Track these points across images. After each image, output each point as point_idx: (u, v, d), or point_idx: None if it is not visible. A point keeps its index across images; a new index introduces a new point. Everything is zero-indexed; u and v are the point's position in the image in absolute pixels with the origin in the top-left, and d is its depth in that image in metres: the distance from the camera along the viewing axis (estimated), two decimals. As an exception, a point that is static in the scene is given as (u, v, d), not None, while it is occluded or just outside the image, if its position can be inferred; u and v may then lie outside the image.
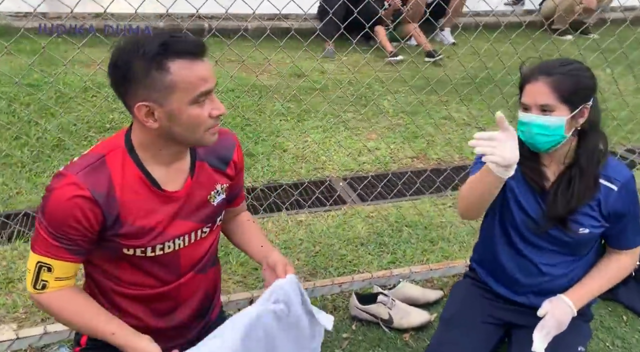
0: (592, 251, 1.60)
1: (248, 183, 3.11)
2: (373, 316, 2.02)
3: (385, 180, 3.18)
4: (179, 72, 1.07)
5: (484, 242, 1.74)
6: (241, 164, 1.43)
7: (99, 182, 1.14)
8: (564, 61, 1.45)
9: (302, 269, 2.41)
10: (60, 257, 1.17)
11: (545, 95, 1.39)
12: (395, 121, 4.05)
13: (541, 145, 1.44)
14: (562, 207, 1.48)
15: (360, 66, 4.93)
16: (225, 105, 1.17)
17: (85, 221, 1.14)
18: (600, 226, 1.51)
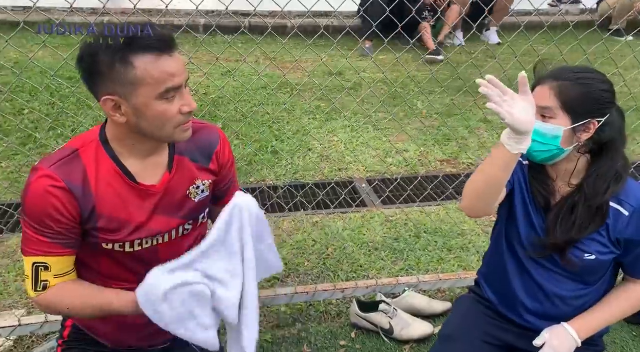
0: (606, 279, 1.46)
1: (270, 181, 3.10)
2: (373, 324, 1.96)
3: (400, 183, 3.10)
4: (143, 67, 1.05)
5: (492, 255, 1.64)
6: (226, 160, 1.39)
7: (73, 174, 1.14)
8: (580, 68, 1.32)
9: (310, 271, 2.38)
10: (53, 253, 1.16)
11: (547, 99, 1.28)
12: (428, 123, 3.94)
13: (536, 154, 1.32)
14: (561, 236, 1.35)
15: (397, 65, 4.85)
16: (255, 103, 1.14)
17: (65, 211, 1.14)
18: (609, 253, 1.37)
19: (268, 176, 3.14)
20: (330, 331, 2.01)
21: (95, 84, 1.09)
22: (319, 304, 2.16)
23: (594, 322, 1.42)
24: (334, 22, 5.45)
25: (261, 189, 3.01)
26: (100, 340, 1.34)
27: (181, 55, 1.13)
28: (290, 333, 1.99)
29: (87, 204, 1.16)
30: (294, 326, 2.04)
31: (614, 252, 1.37)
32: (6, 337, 1.75)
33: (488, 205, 1.33)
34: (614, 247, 1.36)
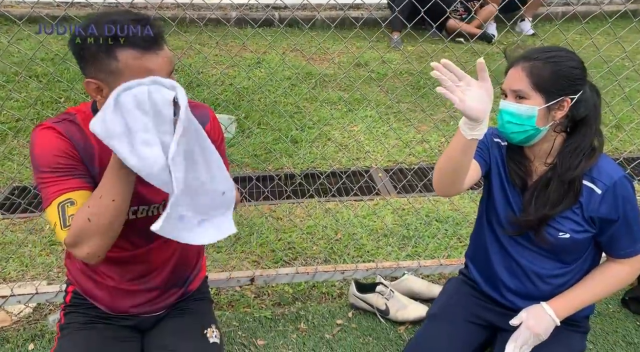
0: (587, 258, 1.45)
1: (287, 169, 3.18)
2: (370, 305, 2.01)
3: (421, 173, 3.10)
4: (126, 60, 1.11)
5: (475, 234, 1.66)
6: (216, 137, 1.46)
7: (74, 132, 1.24)
8: (550, 48, 1.32)
9: (317, 255, 2.44)
10: (75, 188, 1.18)
11: (519, 81, 1.29)
12: (451, 113, 3.91)
13: (513, 135, 1.33)
14: (534, 214, 1.37)
15: (424, 56, 4.82)
16: (278, 93, 1.18)
17: (71, 153, 1.21)
18: (583, 231, 1.36)
19: (286, 164, 3.22)
20: (329, 310, 2.07)
21: (81, 65, 1.18)
22: (321, 285, 2.22)
23: (573, 301, 1.42)
24: (363, 13, 5.47)
25: (279, 176, 3.09)
26: (98, 305, 1.44)
27: (166, 48, 1.17)
28: (289, 311, 2.06)
29: (88, 159, 1.24)
30: (294, 304, 2.11)
31: (588, 231, 1.36)
32: (24, 303, 1.89)
33: (454, 185, 1.36)
34: (588, 226, 1.36)
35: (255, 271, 2.05)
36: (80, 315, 1.44)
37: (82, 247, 1.17)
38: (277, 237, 2.55)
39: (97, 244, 1.18)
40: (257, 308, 2.08)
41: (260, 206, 2.83)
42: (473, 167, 1.49)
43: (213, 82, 4.05)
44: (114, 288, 1.42)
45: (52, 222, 1.18)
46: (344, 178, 3.07)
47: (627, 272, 1.41)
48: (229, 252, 2.45)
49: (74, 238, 1.17)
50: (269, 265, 2.36)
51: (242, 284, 2.05)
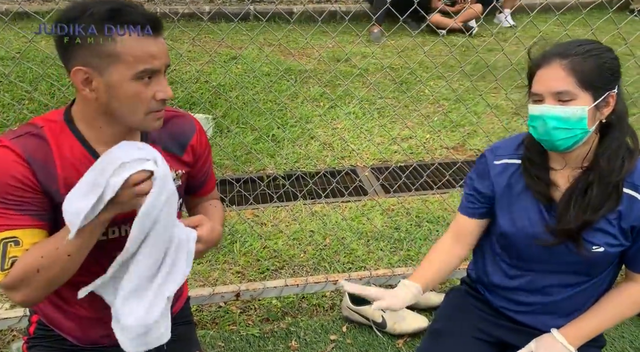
0: (610, 271, 1.34)
1: (269, 170, 3.03)
2: (365, 318, 1.88)
3: (408, 171, 2.99)
4: (125, 42, 0.99)
5: (481, 247, 1.54)
6: (202, 151, 1.32)
7: (36, 150, 1.07)
8: (582, 41, 1.19)
9: (306, 262, 2.30)
10: (23, 226, 1.04)
11: (561, 81, 1.14)
12: (436, 109, 3.81)
13: (560, 142, 1.18)
14: (574, 221, 1.23)
15: (405, 51, 4.71)
16: (257, 90, 1.06)
17: (27, 181, 1.05)
18: (618, 245, 1.25)
19: (268, 165, 3.07)
20: (321, 324, 1.93)
21: (68, 51, 1.02)
22: (312, 296, 2.09)
23: (587, 328, 1.31)
24: (341, 7, 5.33)
25: (261, 178, 2.93)
26: (65, 336, 1.28)
27: (163, 40, 1.06)
28: (279, 327, 1.92)
29: (49, 182, 1.08)
30: (284, 320, 1.97)
31: (623, 245, 1.25)
32: None
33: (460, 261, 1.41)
34: (624, 239, 1.24)
35: (241, 285, 1.90)
36: (44, 349, 1.28)
37: (19, 294, 1.05)
38: (262, 244, 2.40)
39: (36, 294, 1.06)
40: (243, 325, 1.93)
41: (243, 211, 2.67)
42: (474, 228, 1.44)
43: (187, 80, 3.86)
44: (85, 318, 1.25)
45: None
46: (330, 178, 2.94)
47: None
48: (210, 263, 2.29)
49: (13, 284, 1.04)
50: (254, 276, 2.21)
51: (226, 300, 1.90)
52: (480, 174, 1.40)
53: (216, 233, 1.27)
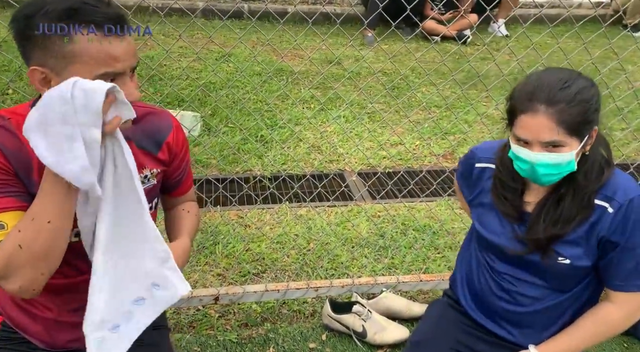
0: (586, 286, 1.32)
1: (256, 171, 2.99)
2: (345, 327, 1.85)
3: (396, 178, 2.97)
4: (83, 43, 0.93)
5: (463, 253, 1.52)
6: (179, 149, 1.28)
7: (6, 139, 1.02)
8: (564, 78, 1.15)
9: (289, 266, 2.26)
10: (6, 208, 0.98)
11: (550, 132, 1.13)
12: (426, 115, 3.79)
13: (546, 181, 1.20)
14: (544, 232, 1.23)
15: (398, 55, 4.70)
16: (247, 89, 1.01)
17: (4, 166, 1.00)
18: (585, 258, 1.24)
19: (255, 166, 3.03)
20: (301, 332, 1.90)
21: (26, 50, 0.97)
22: (292, 302, 2.05)
23: (562, 346, 1.29)
24: (337, 9, 5.30)
25: (247, 179, 2.89)
26: (31, 340, 1.23)
27: (132, 38, 1.00)
28: (257, 333, 1.88)
29: (25, 172, 1.03)
30: (263, 326, 1.93)
31: (591, 257, 1.23)
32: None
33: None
34: (591, 252, 1.23)
35: (220, 289, 1.85)
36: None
37: (13, 280, 0.97)
38: (245, 247, 2.36)
39: (30, 276, 0.97)
40: (221, 330, 1.89)
41: (227, 212, 2.63)
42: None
43: (177, 76, 3.81)
44: (52, 320, 1.21)
45: None
46: (317, 182, 2.90)
47: (620, 317, 1.26)
48: (191, 264, 2.24)
49: (2, 270, 0.96)
50: (235, 279, 2.16)
51: (205, 303, 1.86)
52: (463, 173, 1.44)
53: (183, 257, 1.23)
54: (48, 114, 0.90)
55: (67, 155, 0.90)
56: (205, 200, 2.66)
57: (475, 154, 1.39)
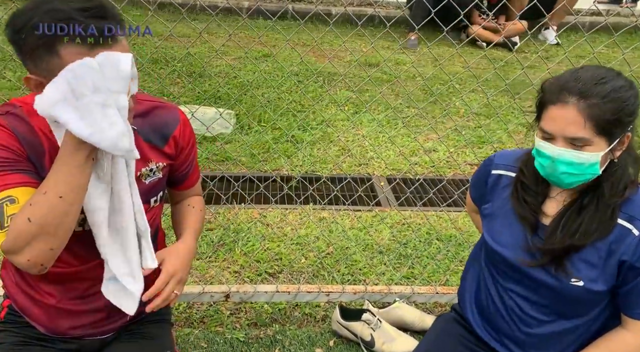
0: (601, 312, 1.23)
1: (284, 171, 2.99)
2: (354, 334, 1.81)
3: (424, 185, 2.90)
4: (69, 58, 0.92)
5: (471, 266, 1.46)
6: (186, 143, 1.28)
7: (19, 125, 1.05)
8: (601, 75, 1.08)
9: (305, 269, 2.25)
10: (17, 184, 0.99)
11: (577, 127, 1.05)
12: (465, 123, 3.69)
13: (567, 184, 1.12)
14: (560, 242, 1.15)
15: (442, 60, 4.60)
16: (283, 89, 1.00)
17: (15, 147, 1.02)
18: (600, 282, 1.15)
19: (284, 166, 3.03)
20: (309, 336, 1.87)
21: (20, 57, 0.99)
22: (305, 305, 2.03)
23: None
24: (381, 11, 5.25)
25: (273, 178, 2.90)
26: (34, 324, 1.26)
27: (122, 47, 0.97)
28: (265, 334, 1.88)
29: (37, 156, 1.06)
30: (271, 326, 1.92)
31: (606, 282, 1.15)
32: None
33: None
34: (609, 276, 1.14)
35: (231, 287, 1.86)
36: (13, 335, 1.26)
37: (21, 254, 0.98)
38: (264, 246, 2.36)
39: (39, 250, 0.98)
40: (230, 328, 1.90)
41: (251, 210, 2.64)
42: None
43: (216, 74, 3.87)
44: (53, 307, 1.24)
45: None
46: (344, 185, 2.87)
47: (637, 345, 1.17)
48: (209, 259, 2.26)
49: (12, 242, 0.97)
50: (251, 277, 2.17)
51: (215, 300, 1.86)
52: (478, 179, 1.37)
53: (188, 256, 1.25)
54: (77, 86, 0.90)
55: (103, 124, 0.91)
56: (230, 197, 2.68)
57: (492, 161, 1.33)
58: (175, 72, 3.80)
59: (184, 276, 1.22)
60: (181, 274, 1.21)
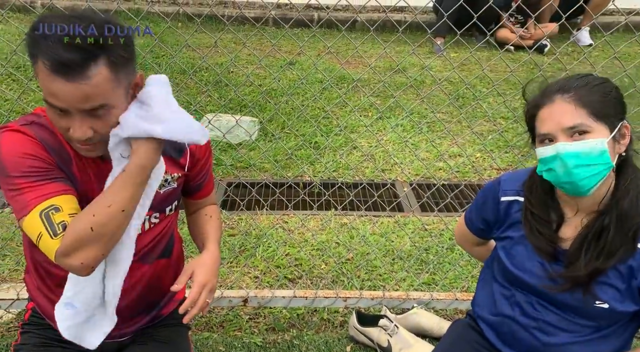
0: (622, 326, 1.19)
1: (307, 177, 3.01)
2: (370, 340, 1.80)
3: (449, 190, 2.86)
4: (39, 72, 0.97)
5: (485, 275, 1.43)
6: (201, 155, 1.32)
7: (45, 135, 1.09)
8: (579, 75, 1.09)
9: (325, 274, 2.25)
10: (57, 192, 1.03)
11: (571, 114, 1.04)
12: (491, 127, 3.63)
13: (585, 182, 1.05)
14: (585, 268, 1.11)
15: (467, 63, 4.55)
16: (307, 97, 1.03)
17: (44, 156, 1.06)
18: (627, 303, 1.11)
19: (306, 172, 3.05)
20: (326, 341, 1.87)
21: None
22: (323, 310, 2.03)
23: None
24: (407, 17, 5.23)
25: (297, 184, 2.92)
26: (54, 326, 1.31)
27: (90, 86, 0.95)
28: (282, 339, 1.89)
29: (65, 164, 1.10)
30: (289, 332, 1.93)
31: (633, 303, 1.11)
32: (5, 309, 1.80)
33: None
34: (630, 298, 1.10)
35: (250, 292, 1.88)
36: (35, 336, 1.31)
37: (76, 257, 1.03)
38: (285, 252, 2.38)
39: (94, 254, 1.04)
40: (248, 332, 1.92)
41: (272, 216, 2.67)
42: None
43: (241, 83, 3.93)
44: (73, 309, 1.28)
45: (35, 232, 1.02)
46: (367, 191, 2.87)
47: None
48: (230, 264, 2.30)
49: (69, 248, 1.01)
50: (270, 283, 2.19)
51: (234, 304, 1.89)
52: (483, 205, 1.33)
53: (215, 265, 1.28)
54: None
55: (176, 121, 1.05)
56: (253, 203, 2.72)
57: (499, 187, 1.28)
58: (202, 81, 3.89)
59: (214, 285, 1.24)
60: (212, 283, 1.23)
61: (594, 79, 1.07)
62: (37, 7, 4.97)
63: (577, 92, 1.05)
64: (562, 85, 1.06)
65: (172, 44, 4.40)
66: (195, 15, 4.97)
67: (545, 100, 1.07)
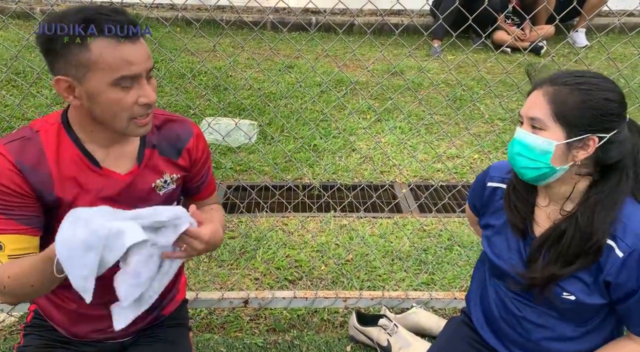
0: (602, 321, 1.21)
1: (306, 179, 3.03)
2: (370, 339, 1.82)
3: (447, 190, 2.88)
4: (99, 51, 1.00)
5: (477, 270, 1.46)
6: (199, 156, 1.34)
7: (27, 155, 1.11)
8: (585, 72, 1.07)
9: (325, 275, 2.27)
10: (7, 231, 1.08)
11: (538, 107, 1.06)
12: (488, 128, 3.66)
13: (523, 171, 1.11)
14: (540, 271, 1.13)
15: (463, 66, 4.58)
16: (306, 100, 1.06)
17: (14, 187, 1.09)
18: (594, 295, 1.13)
19: (306, 174, 3.07)
20: (326, 341, 1.89)
21: (50, 62, 1.07)
22: (323, 311, 2.05)
23: None
24: (404, 20, 5.27)
25: (297, 186, 2.94)
26: (57, 328, 1.33)
27: (145, 43, 1.07)
28: (283, 339, 1.90)
29: (43, 186, 1.12)
30: (290, 332, 1.94)
31: (599, 296, 1.12)
32: (7, 312, 1.82)
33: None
34: (600, 292, 1.12)
35: (250, 293, 1.90)
36: (37, 338, 1.33)
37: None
38: (285, 254, 2.40)
39: (8, 301, 1.14)
40: (249, 333, 1.93)
41: (272, 218, 2.69)
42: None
43: (240, 86, 3.96)
44: (74, 312, 1.30)
45: None
46: (366, 193, 2.89)
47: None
48: (231, 267, 2.31)
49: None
50: (271, 284, 2.20)
51: (234, 305, 1.90)
52: (474, 191, 1.38)
53: (219, 236, 1.24)
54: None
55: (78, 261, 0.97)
56: (253, 205, 2.73)
57: (487, 173, 1.32)
58: (201, 85, 3.91)
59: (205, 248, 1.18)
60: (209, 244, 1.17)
61: (589, 81, 1.05)
62: (36, 13, 5.00)
63: (559, 88, 1.05)
64: (553, 77, 1.07)
65: (171, 48, 4.42)
66: (194, 20, 5.00)
67: (536, 85, 1.10)
